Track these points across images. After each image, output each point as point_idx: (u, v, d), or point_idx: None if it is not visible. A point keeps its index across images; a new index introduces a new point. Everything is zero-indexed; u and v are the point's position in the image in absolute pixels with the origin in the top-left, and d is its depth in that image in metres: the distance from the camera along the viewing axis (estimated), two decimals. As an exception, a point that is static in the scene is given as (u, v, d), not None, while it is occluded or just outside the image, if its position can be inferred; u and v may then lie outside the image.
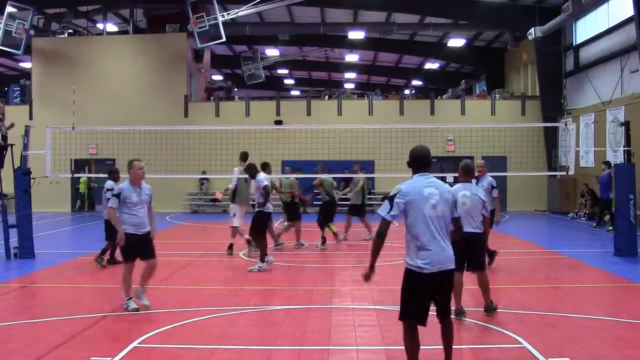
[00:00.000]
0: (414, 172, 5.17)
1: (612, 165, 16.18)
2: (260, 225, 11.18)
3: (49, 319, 7.44)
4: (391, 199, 4.98)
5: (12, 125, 13.34)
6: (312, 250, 13.70)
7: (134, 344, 6.38)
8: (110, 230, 9.84)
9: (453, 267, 5.01)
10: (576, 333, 6.82)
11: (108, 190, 10.53)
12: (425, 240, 4.92)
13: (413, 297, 4.98)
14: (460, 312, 7.27)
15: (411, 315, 5.01)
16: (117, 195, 7.89)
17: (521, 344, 6.31)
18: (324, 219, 14.28)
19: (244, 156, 13.46)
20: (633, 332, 6.90)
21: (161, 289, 9.62)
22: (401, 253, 10.50)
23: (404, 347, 5.10)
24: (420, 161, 5.18)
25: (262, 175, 11.38)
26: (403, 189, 5.02)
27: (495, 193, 9.99)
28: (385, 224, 4.98)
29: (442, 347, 5.35)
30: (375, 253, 5.08)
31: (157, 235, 8.31)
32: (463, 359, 6.02)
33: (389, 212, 4.95)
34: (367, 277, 5.18)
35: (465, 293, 9.29)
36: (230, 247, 13.06)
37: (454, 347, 5.31)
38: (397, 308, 5.11)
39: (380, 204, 5.18)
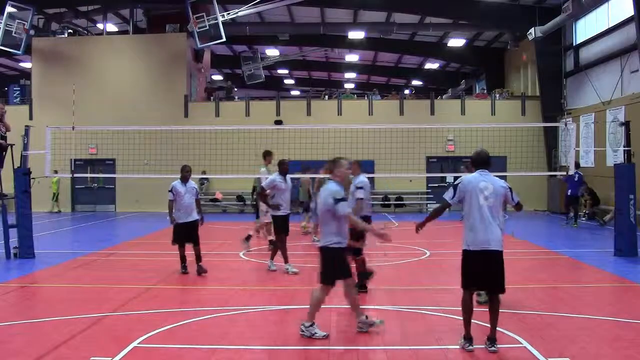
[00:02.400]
0: (476, 169, 6.31)
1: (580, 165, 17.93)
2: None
3: (49, 319, 7.44)
4: (455, 186, 6.23)
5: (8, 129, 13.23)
6: (312, 250, 13.68)
7: (134, 344, 6.38)
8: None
9: (496, 248, 6.05)
10: (576, 333, 6.82)
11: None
12: (474, 224, 6.08)
13: (466, 271, 6.15)
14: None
15: (466, 285, 6.17)
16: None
17: (521, 344, 6.31)
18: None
19: (268, 154, 13.15)
20: (633, 332, 6.89)
21: (161, 289, 9.63)
22: (400, 255, 10.45)
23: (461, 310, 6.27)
24: (481, 161, 6.34)
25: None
26: (465, 180, 6.23)
27: (360, 194, 8.81)
28: (445, 204, 6.38)
29: (441, 347, 5.34)
30: (431, 218, 6.54)
31: (156, 235, 8.30)
32: (463, 359, 6.02)
33: (452, 198, 6.25)
34: (419, 227, 6.62)
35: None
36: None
37: (454, 347, 5.32)
38: (398, 308, 5.12)
39: (381, 204, 5.37)
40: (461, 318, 6.27)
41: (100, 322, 7.38)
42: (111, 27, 29.87)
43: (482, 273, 6.07)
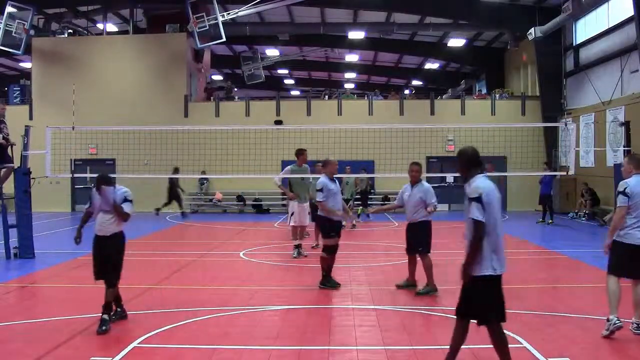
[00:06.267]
0: (475, 173, 5.16)
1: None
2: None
3: (49, 319, 7.44)
4: (479, 200, 4.95)
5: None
6: (312, 250, 13.68)
7: (134, 344, 6.38)
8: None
9: None
10: (576, 333, 6.82)
11: None
12: (498, 242, 5.05)
13: (495, 300, 5.07)
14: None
15: (496, 317, 5.11)
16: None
17: (521, 344, 6.31)
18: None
19: (301, 153, 12.88)
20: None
21: (161, 289, 9.63)
22: (400, 255, 10.45)
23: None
24: (478, 161, 5.25)
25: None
26: (485, 188, 5.02)
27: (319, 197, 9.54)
28: (482, 227, 4.93)
29: (441, 347, 5.34)
30: (472, 258, 5.00)
31: (156, 235, 8.31)
32: (463, 359, 6.02)
33: (483, 215, 4.94)
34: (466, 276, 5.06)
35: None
36: (298, 246, 12.56)
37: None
38: (398, 308, 5.12)
39: (381, 204, 5.27)
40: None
41: (100, 322, 7.37)
42: (111, 27, 29.87)
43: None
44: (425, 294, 8.81)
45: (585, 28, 23.17)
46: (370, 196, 23.15)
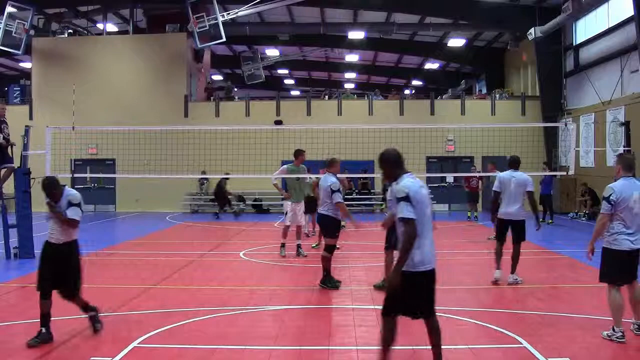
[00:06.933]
0: (401, 173, 5.23)
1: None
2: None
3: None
4: (407, 199, 4.98)
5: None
6: (312, 250, 13.69)
7: (134, 344, 6.38)
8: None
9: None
10: (576, 333, 6.82)
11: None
12: (427, 239, 5.15)
13: (426, 295, 5.31)
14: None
15: (429, 311, 5.38)
16: None
17: (521, 344, 6.31)
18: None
19: (300, 153, 12.88)
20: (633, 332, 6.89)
21: (161, 289, 9.63)
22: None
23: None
24: (402, 161, 5.35)
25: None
26: (411, 187, 5.07)
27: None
28: (414, 224, 4.97)
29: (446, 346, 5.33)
30: None
31: (156, 235, 8.31)
32: (463, 359, 6.02)
33: (414, 213, 4.98)
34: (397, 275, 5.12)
35: (463, 292, 9.31)
36: (282, 245, 12.66)
37: (454, 347, 5.32)
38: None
39: (381, 204, 5.28)
40: (460, 318, 6.27)
41: (100, 322, 7.37)
42: (111, 27, 29.86)
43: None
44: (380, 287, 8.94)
45: (585, 28, 23.17)
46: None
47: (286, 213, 13.07)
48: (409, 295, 5.07)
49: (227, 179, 22.84)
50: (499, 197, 9.93)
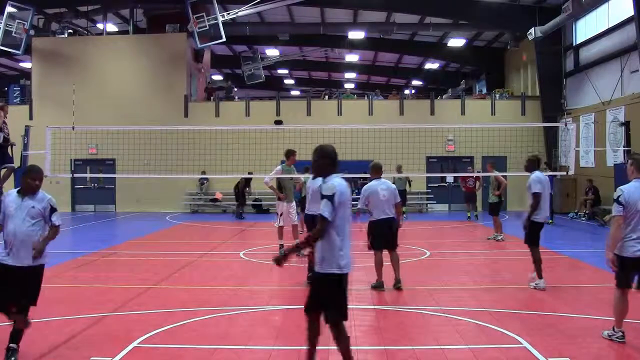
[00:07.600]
0: (333, 172, 5.30)
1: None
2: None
3: (49, 319, 7.43)
4: (332, 198, 5.03)
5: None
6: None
7: (134, 344, 6.38)
8: None
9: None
10: (576, 333, 6.82)
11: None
12: (345, 242, 5.29)
13: (338, 298, 5.50)
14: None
15: (340, 315, 5.52)
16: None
17: (521, 344, 6.31)
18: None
19: (292, 153, 12.84)
20: (633, 332, 6.87)
21: (161, 289, 9.63)
22: (400, 255, 10.42)
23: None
24: (337, 161, 5.39)
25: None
26: (339, 188, 5.14)
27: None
28: (327, 224, 5.05)
29: (441, 346, 5.33)
30: None
31: (156, 235, 8.31)
32: (463, 359, 6.02)
33: (332, 214, 5.04)
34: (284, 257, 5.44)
35: (463, 292, 9.31)
36: (281, 247, 12.43)
37: (454, 347, 5.31)
38: (398, 308, 5.11)
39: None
40: (460, 318, 6.27)
41: (100, 322, 7.38)
42: (111, 27, 29.86)
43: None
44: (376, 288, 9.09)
45: (585, 28, 23.17)
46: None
47: (281, 214, 12.83)
48: (336, 296, 5.35)
49: (250, 179, 22.70)
50: (540, 199, 9.27)
